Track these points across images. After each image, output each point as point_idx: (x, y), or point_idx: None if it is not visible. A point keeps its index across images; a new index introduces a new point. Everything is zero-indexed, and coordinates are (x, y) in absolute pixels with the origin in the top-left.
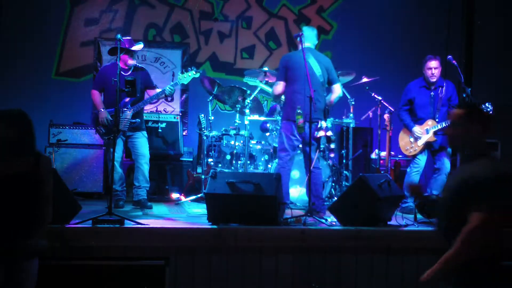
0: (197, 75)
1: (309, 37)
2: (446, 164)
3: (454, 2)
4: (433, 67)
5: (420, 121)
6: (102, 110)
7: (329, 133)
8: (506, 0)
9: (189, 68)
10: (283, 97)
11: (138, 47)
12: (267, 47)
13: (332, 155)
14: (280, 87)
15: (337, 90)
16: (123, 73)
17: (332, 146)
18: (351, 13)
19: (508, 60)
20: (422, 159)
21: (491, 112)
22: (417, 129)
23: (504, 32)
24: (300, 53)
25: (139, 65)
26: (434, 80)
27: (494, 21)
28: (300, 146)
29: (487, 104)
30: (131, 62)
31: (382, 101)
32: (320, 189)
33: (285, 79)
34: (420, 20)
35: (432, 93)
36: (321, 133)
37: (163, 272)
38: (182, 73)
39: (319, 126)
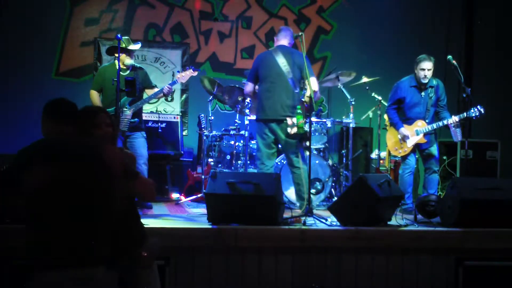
0: (195, 73)
1: (285, 35)
2: (436, 161)
3: (454, 2)
4: (427, 68)
5: (410, 121)
6: None
7: (306, 128)
8: (506, 0)
9: (187, 67)
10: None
11: (135, 46)
12: (267, 47)
13: (307, 152)
14: (248, 87)
15: (311, 84)
16: (121, 73)
17: (307, 143)
18: (351, 13)
19: (508, 60)
20: (412, 160)
21: (476, 116)
22: (404, 130)
23: (504, 31)
24: (269, 52)
25: (137, 65)
26: (426, 81)
27: (494, 21)
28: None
29: (478, 107)
30: (128, 61)
31: (382, 101)
32: (303, 189)
33: (254, 80)
34: (420, 20)
35: (422, 93)
36: (294, 130)
37: (163, 272)
38: (180, 72)
39: (289, 122)
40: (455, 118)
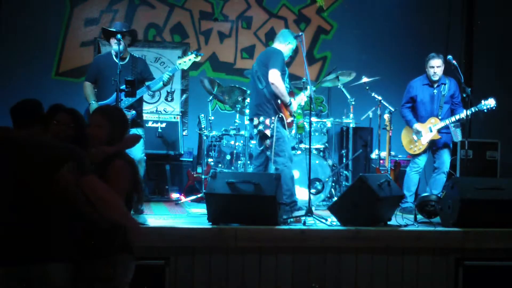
0: (198, 58)
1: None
2: (446, 162)
3: (454, 2)
4: (436, 65)
5: (423, 118)
6: (93, 102)
7: (260, 127)
8: (506, 0)
9: (189, 52)
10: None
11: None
12: (267, 47)
13: (268, 152)
14: None
15: (269, 78)
16: (118, 61)
17: (267, 142)
18: (351, 13)
19: (508, 60)
20: (422, 159)
21: (488, 109)
22: (418, 126)
23: (504, 32)
24: None
25: (136, 55)
26: (437, 78)
27: (494, 21)
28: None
29: (489, 99)
30: (115, 47)
31: (382, 101)
32: (285, 190)
33: None
34: (420, 20)
35: (435, 91)
36: (266, 130)
37: (163, 272)
38: (181, 58)
39: (254, 123)
40: (467, 112)
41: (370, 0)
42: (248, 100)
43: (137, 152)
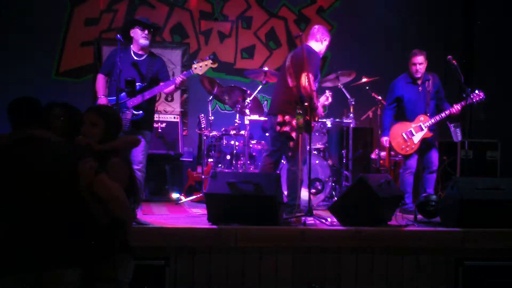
0: (215, 65)
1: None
2: (435, 161)
3: (454, 2)
4: (418, 62)
5: (411, 117)
6: (102, 97)
7: (286, 128)
8: (506, 0)
9: (207, 57)
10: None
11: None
12: (267, 47)
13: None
14: None
15: (302, 81)
16: (136, 58)
17: (290, 145)
18: (351, 13)
19: (508, 60)
20: (414, 160)
21: (477, 101)
22: (385, 141)
23: (504, 32)
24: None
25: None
26: (419, 76)
27: (494, 21)
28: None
29: (476, 92)
30: (143, 41)
31: (382, 101)
32: (289, 192)
33: None
34: (420, 20)
35: (419, 88)
36: (292, 133)
37: (163, 272)
38: (197, 62)
39: (278, 119)
40: (457, 107)
41: (370, 0)
42: (248, 100)
43: (138, 155)
